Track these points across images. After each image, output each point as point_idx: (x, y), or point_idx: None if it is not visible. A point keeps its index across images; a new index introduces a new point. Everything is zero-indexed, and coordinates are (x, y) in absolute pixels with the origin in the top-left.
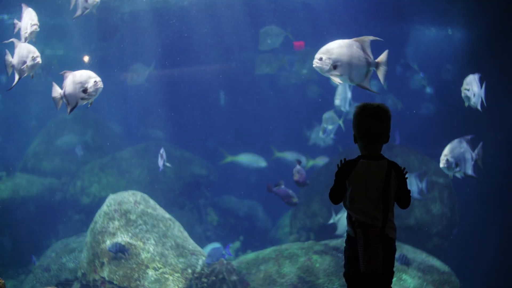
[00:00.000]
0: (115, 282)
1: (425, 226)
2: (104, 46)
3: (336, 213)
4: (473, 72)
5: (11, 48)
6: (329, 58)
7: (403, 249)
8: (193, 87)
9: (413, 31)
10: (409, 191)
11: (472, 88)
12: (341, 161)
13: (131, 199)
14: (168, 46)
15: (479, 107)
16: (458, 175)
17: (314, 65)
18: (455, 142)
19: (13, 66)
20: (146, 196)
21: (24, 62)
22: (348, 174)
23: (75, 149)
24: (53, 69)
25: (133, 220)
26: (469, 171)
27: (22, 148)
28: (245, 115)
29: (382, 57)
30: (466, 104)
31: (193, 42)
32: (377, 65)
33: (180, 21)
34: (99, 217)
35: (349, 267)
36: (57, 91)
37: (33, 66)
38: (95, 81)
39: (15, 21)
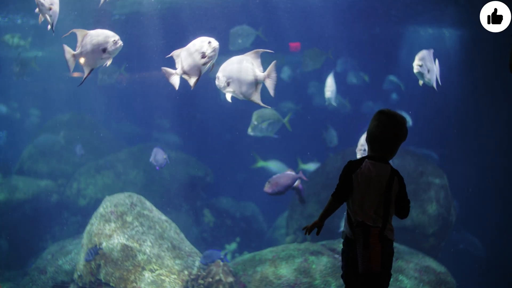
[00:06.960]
0: (111, 284)
1: (421, 227)
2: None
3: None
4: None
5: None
6: (223, 76)
7: (400, 249)
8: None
9: (407, 32)
10: (408, 201)
11: (426, 63)
12: (348, 162)
13: (127, 201)
14: (168, 46)
15: (434, 85)
16: (428, 82)
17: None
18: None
19: (83, 57)
20: (142, 198)
21: (104, 50)
22: (354, 170)
23: (75, 149)
24: (31, 70)
25: (129, 222)
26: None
27: (19, 150)
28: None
29: (269, 69)
30: (421, 82)
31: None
32: (265, 78)
33: (182, 21)
34: (95, 219)
35: (347, 269)
36: (171, 74)
37: (115, 51)
38: (209, 42)
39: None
